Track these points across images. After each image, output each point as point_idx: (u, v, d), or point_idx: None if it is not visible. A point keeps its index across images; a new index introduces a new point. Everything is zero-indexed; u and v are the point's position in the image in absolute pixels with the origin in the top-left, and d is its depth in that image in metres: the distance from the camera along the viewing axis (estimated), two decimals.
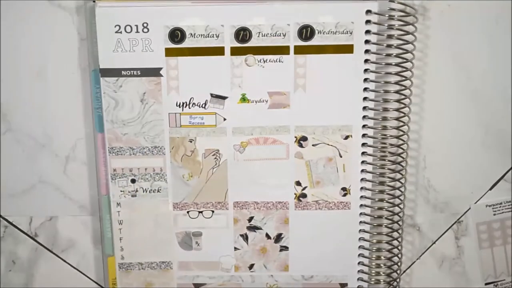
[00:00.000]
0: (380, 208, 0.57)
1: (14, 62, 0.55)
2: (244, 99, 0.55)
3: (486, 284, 0.62)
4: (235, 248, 0.58)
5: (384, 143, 0.56)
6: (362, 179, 0.56)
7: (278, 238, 0.58)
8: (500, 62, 0.56)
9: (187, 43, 0.53)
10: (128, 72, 0.53)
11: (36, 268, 0.59)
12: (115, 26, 0.52)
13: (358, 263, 0.58)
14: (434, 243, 0.61)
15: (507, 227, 0.61)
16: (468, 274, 0.61)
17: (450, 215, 0.60)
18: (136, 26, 0.52)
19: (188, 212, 0.57)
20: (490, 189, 0.59)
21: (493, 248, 0.61)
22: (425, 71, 0.56)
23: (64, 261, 0.59)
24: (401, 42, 0.53)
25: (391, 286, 0.59)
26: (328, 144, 0.56)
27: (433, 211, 0.60)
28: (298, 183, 0.57)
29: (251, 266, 0.59)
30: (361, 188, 0.56)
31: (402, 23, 0.53)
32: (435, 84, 0.56)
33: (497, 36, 0.56)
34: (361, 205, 0.57)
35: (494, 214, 0.60)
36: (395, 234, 0.58)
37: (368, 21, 0.53)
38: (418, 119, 0.57)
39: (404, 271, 0.61)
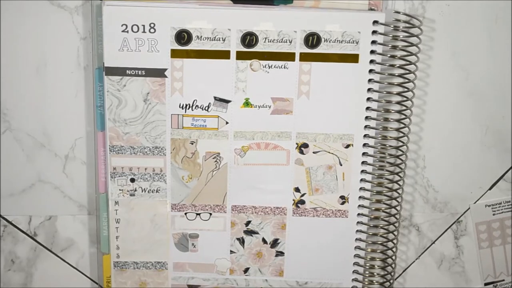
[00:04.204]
0: (377, 218, 0.57)
1: (13, 61, 0.54)
2: (247, 103, 0.55)
3: (485, 284, 0.62)
4: (231, 252, 0.58)
5: (384, 153, 0.56)
6: (361, 188, 0.57)
7: (275, 243, 0.58)
8: (500, 62, 0.57)
9: (193, 45, 0.53)
10: (132, 72, 0.53)
11: (35, 268, 0.59)
12: (122, 25, 0.52)
13: (353, 271, 0.59)
14: (434, 243, 0.61)
15: (506, 227, 0.61)
16: (467, 274, 0.62)
17: (450, 215, 0.60)
18: (143, 26, 0.52)
19: (186, 213, 0.57)
20: (490, 189, 0.60)
21: (492, 248, 0.61)
22: (425, 71, 0.56)
23: (63, 260, 0.59)
24: (405, 53, 0.53)
25: None
26: (328, 152, 0.56)
27: (432, 211, 0.60)
28: (297, 190, 0.57)
29: (246, 270, 0.59)
30: (360, 197, 0.57)
31: (407, 34, 0.53)
32: (435, 84, 0.57)
33: (497, 36, 0.56)
34: (358, 214, 0.57)
35: (494, 214, 0.61)
36: (390, 244, 0.58)
37: (374, 32, 0.53)
38: (418, 119, 0.57)
39: (398, 277, 0.61)
